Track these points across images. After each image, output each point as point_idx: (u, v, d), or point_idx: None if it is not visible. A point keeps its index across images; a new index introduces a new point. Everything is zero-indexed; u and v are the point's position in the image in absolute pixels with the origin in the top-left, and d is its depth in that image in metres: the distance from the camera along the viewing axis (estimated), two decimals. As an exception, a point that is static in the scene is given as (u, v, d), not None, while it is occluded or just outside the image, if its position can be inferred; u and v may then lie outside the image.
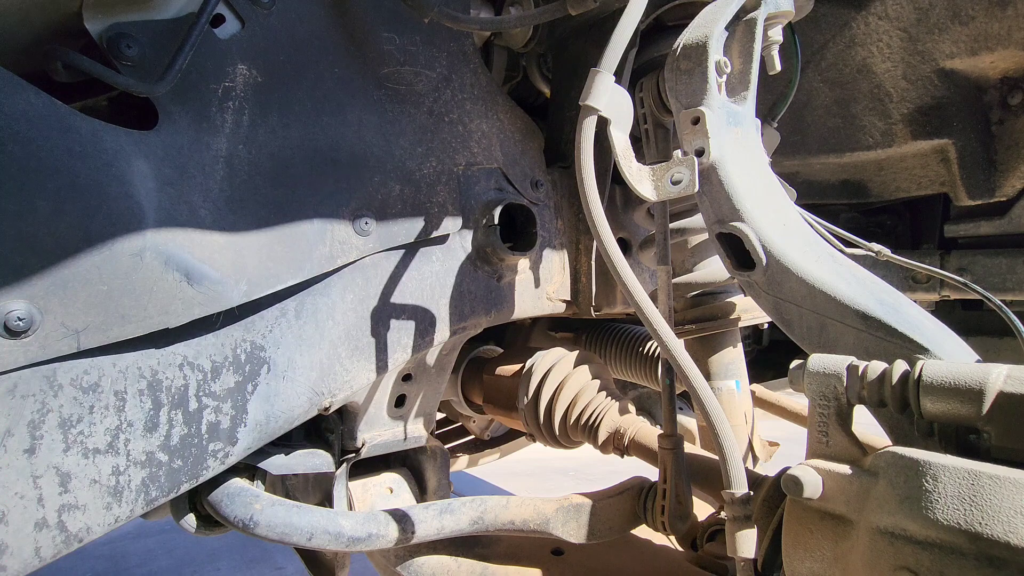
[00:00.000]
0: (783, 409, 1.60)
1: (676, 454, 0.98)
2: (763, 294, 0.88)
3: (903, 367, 0.70)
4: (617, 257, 0.81)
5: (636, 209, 1.30)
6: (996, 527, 0.58)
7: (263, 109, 0.96)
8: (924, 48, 1.32)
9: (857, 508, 0.67)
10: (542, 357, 1.30)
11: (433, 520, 1.05)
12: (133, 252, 0.82)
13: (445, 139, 1.12)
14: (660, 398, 1.01)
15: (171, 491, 0.88)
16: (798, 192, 1.05)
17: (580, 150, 0.82)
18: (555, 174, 1.25)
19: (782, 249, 0.84)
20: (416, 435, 1.24)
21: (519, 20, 1.09)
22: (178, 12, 0.90)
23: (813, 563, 0.71)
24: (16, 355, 0.76)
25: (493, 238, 1.12)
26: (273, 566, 3.25)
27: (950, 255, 1.70)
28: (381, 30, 1.06)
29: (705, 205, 0.89)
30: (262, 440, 0.96)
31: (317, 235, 0.97)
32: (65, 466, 0.81)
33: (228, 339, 0.92)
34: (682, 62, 0.88)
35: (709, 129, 0.85)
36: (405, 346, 1.08)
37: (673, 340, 0.79)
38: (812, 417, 0.74)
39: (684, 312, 1.23)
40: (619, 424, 1.21)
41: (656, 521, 1.02)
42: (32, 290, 0.76)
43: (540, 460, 4.30)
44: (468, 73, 1.16)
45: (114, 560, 3.33)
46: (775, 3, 0.92)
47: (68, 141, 0.79)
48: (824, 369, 0.73)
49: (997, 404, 0.63)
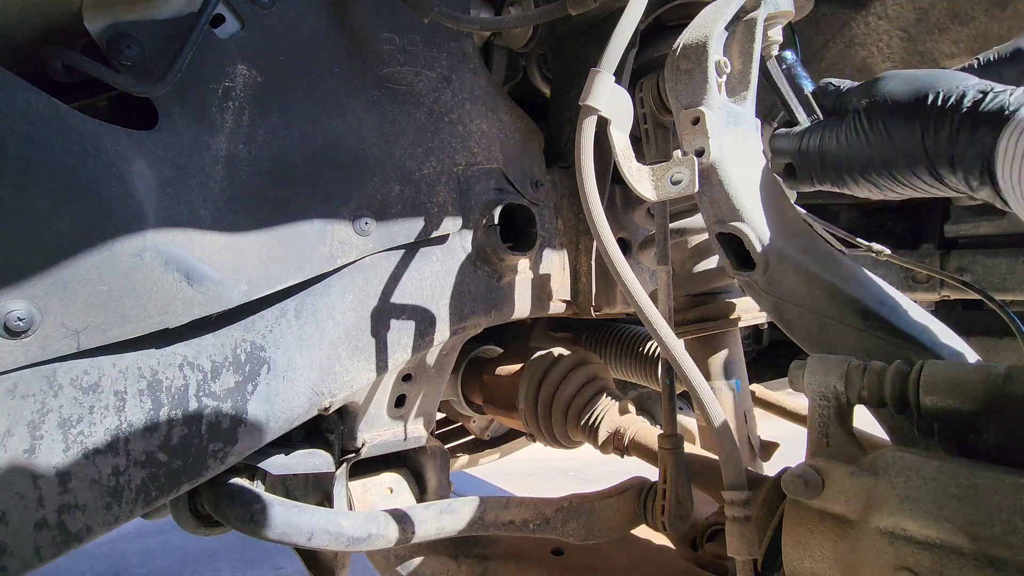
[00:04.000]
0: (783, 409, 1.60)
1: (676, 454, 0.98)
2: (763, 294, 0.88)
3: (903, 367, 0.70)
4: (617, 257, 0.81)
5: (636, 209, 1.30)
6: (996, 527, 0.58)
7: (263, 109, 0.96)
8: (924, 48, 1.32)
9: (857, 508, 0.67)
10: (542, 357, 1.30)
11: (433, 520, 1.05)
12: (133, 252, 0.82)
13: (445, 139, 1.12)
14: (660, 398, 1.01)
15: (171, 491, 0.88)
16: (798, 192, 1.05)
17: (580, 150, 0.82)
18: (555, 174, 1.25)
19: (782, 249, 0.84)
20: (416, 435, 1.24)
21: (519, 20, 1.09)
22: (178, 12, 0.90)
23: (813, 563, 0.71)
24: (16, 355, 0.76)
25: (493, 238, 1.12)
26: (273, 566, 3.25)
27: (950, 255, 1.70)
28: (381, 30, 1.06)
29: (705, 205, 0.89)
30: (262, 440, 0.96)
31: (317, 235, 0.98)
32: (65, 466, 0.81)
33: (228, 339, 0.92)
34: (682, 62, 0.88)
35: (709, 129, 0.85)
36: (405, 346, 1.08)
37: (673, 340, 0.79)
38: (812, 417, 0.74)
39: (684, 312, 1.23)
40: (619, 424, 1.21)
41: (656, 521, 1.02)
42: (32, 290, 0.76)
43: (540, 460, 4.29)
44: (468, 73, 1.16)
45: (114, 560, 3.33)
46: (775, 3, 0.92)
47: (68, 141, 0.79)
48: (824, 369, 0.73)
49: (997, 404, 0.63)
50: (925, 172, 0.76)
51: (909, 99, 0.76)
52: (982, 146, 0.68)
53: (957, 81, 0.73)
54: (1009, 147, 0.65)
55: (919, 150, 0.75)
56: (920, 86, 0.76)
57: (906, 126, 0.75)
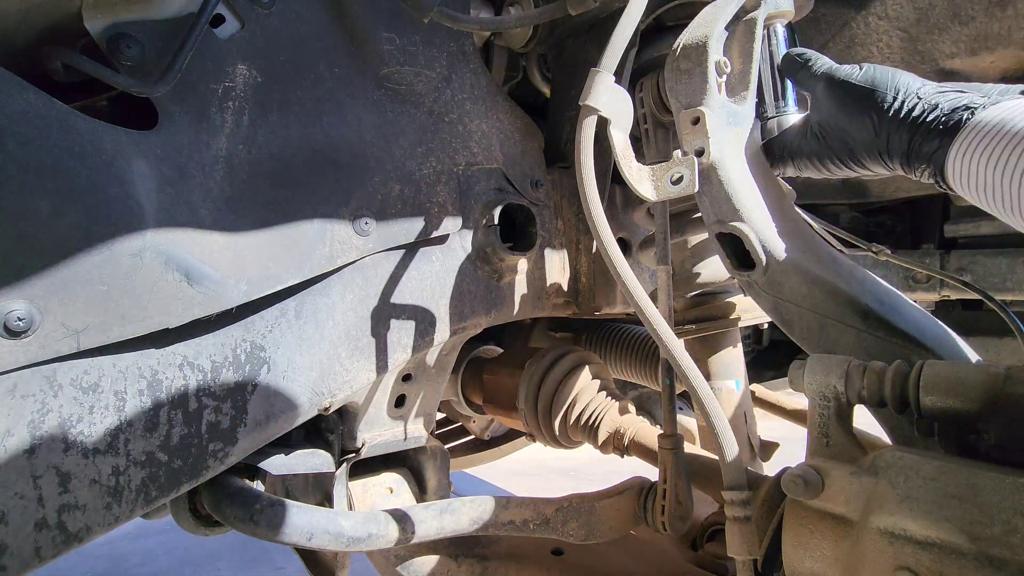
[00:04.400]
0: (783, 409, 1.60)
1: (676, 454, 0.98)
2: (763, 294, 0.88)
3: (903, 367, 0.70)
4: (617, 257, 0.81)
5: (636, 209, 1.30)
6: (996, 527, 0.58)
7: (263, 109, 0.96)
8: (924, 48, 1.32)
9: (857, 508, 0.67)
10: (541, 357, 1.30)
11: (433, 520, 1.05)
12: (133, 252, 0.82)
13: (445, 139, 1.12)
14: (660, 398, 1.01)
15: (171, 491, 0.88)
16: (798, 192, 1.05)
17: (580, 150, 0.82)
18: (555, 174, 1.25)
19: (782, 249, 0.85)
20: (416, 435, 1.24)
21: (519, 20, 1.09)
22: (178, 12, 0.90)
23: (813, 563, 0.71)
24: (16, 355, 0.76)
25: (493, 238, 1.12)
26: (273, 566, 3.25)
27: (950, 255, 1.70)
28: (381, 30, 1.06)
29: (705, 205, 0.89)
30: (262, 440, 0.96)
31: (317, 235, 0.97)
32: (65, 466, 0.81)
33: (228, 339, 0.92)
34: (682, 62, 0.88)
35: (709, 129, 0.85)
36: (405, 346, 1.08)
37: (673, 340, 0.79)
38: (812, 417, 0.74)
39: (684, 312, 1.23)
40: (619, 424, 1.21)
41: (656, 521, 1.02)
42: (32, 290, 0.76)
43: (540, 460, 4.29)
44: (468, 73, 1.16)
45: (114, 560, 3.33)
46: (775, 3, 0.92)
47: (68, 141, 0.79)
48: (824, 369, 0.73)
49: (997, 404, 0.63)
50: (877, 163, 0.81)
51: (864, 94, 0.80)
52: (933, 155, 0.73)
53: (912, 86, 0.77)
54: (958, 160, 0.70)
55: (871, 147, 0.80)
56: (876, 84, 0.79)
57: (860, 121, 0.80)
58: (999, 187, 0.65)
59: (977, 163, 0.67)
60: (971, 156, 0.68)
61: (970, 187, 0.70)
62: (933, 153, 0.73)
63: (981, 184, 0.68)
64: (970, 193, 0.70)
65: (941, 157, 0.72)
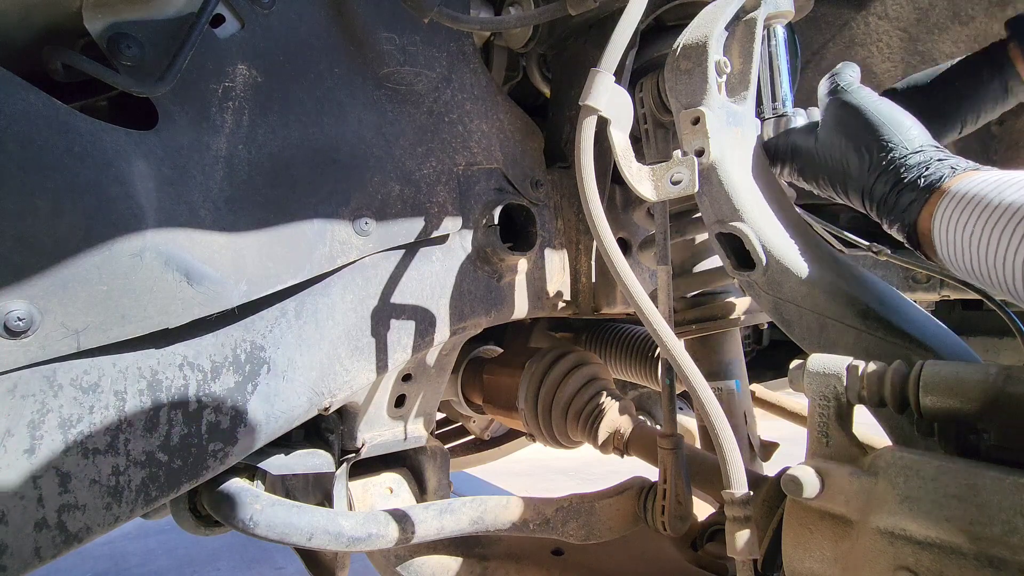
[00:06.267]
0: (783, 409, 1.60)
1: (676, 454, 0.98)
2: (763, 294, 0.88)
3: (903, 367, 0.70)
4: (617, 257, 0.81)
5: (636, 209, 1.30)
6: (996, 527, 0.58)
7: (263, 109, 0.96)
8: (924, 48, 1.32)
9: (857, 508, 0.67)
10: (541, 357, 1.30)
11: (433, 520, 1.05)
12: (133, 252, 0.82)
13: (445, 139, 1.12)
14: (660, 398, 1.00)
15: (171, 491, 0.88)
16: (798, 192, 1.05)
17: (580, 150, 0.82)
18: (555, 174, 1.25)
19: (782, 249, 0.84)
20: (416, 435, 1.24)
21: (519, 20, 1.09)
22: (178, 12, 0.90)
23: (813, 563, 0.71)
24: (16, 355, 0.76)
25: (493, 238, 1.12)
26: (273, 566, 3.25)
27: (950, 255, 1.69)
28: (381, 30, 1.06)
29: (705, 205, 0.89)
30: (262, 440, 0.96)
31: (317, 235, 0.98)
32: (65, 466, 0.81)
33: (228, 339, 0.92)
34: (682, 62, 0.88)
35: (709, 129, 0.85)
36: (405, 346, 1.08)
37: (673, 340, 0.79)
38: (812, 417, 0.74)
39: (684, 312, 1.23)
40: (619, 424, 1.21)
41: (656, 521, 1.02)
42: (32, 290, 0.76)
43: (540, 460, 4.30)
44: (468, 73, 1.16)
45: (114, 560, 3.33)
46: (775, 3, 0.92)
47: (68, 141, 0.79)
48: (824, 369, 0.73)
49: (997, 404, 0.63)
50: (857, 200, 0.83)
51: (864, 138, 0.80)
52: (909, 213, 0.75)
53: (907, 141, 0.77)
54: (942, 224, 0.71)
55: (858, 184, 0.81)
56: (878, 126, 0.79)
57: (856, 156, 0.81)
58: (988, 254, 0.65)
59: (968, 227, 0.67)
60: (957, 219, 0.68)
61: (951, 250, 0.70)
62: (908, 210, 0.74)
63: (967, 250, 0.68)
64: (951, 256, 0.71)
65: (914, 214, 0.73)
